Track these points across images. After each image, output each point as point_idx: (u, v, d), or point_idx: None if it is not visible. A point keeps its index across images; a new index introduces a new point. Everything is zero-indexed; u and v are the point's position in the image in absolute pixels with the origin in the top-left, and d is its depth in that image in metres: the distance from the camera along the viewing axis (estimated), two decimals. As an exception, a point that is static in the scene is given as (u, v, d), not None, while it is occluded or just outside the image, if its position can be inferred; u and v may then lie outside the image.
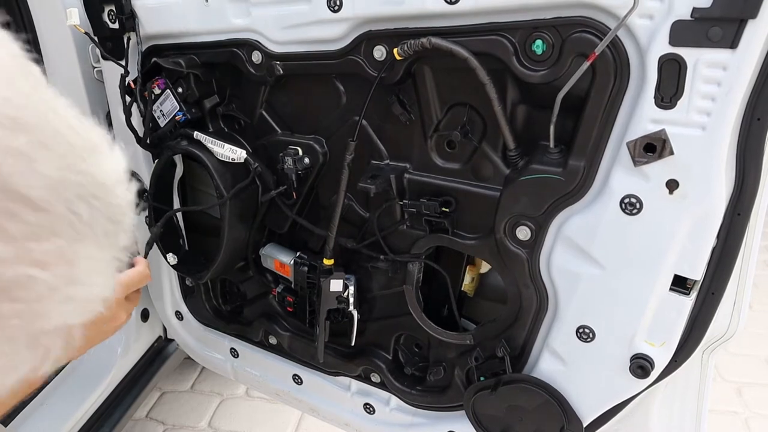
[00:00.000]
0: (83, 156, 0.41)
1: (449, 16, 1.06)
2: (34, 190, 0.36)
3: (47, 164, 0.38)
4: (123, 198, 0.44)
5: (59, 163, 0.39)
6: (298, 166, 1.37)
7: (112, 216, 0.42)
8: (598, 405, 1.19)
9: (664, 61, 0.91)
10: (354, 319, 1.44)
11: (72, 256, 0.39)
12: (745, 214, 0.97)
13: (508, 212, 1.15)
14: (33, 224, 0.36)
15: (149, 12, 1.42)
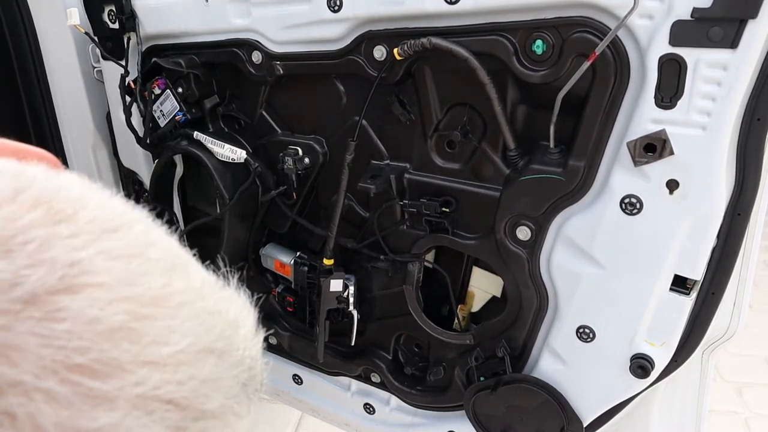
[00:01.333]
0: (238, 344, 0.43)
1: (449, 16, 1.06)
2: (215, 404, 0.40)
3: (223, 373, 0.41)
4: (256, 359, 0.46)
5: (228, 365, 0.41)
6: (298, 166, 1.37)
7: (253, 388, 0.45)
8: (599, 405, 1.19)
9: (665, 61, 0.91)
10: (354, 319, 1.44)
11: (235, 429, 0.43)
12: (745, 214, 0.97)
13: (508, 212, 1.15)
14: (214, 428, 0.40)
15: (149, 12, 1.42)
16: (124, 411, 0.35)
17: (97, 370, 0.34)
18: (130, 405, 0.35)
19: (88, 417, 0.33)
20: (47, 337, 0.33)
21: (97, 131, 1.74)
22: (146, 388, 0.36)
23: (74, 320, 0.34)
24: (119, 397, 0.35)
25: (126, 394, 0.35)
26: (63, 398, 0.33)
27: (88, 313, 0.34)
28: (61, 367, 0.33)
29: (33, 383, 0.32)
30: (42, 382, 0.32)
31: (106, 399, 0.34)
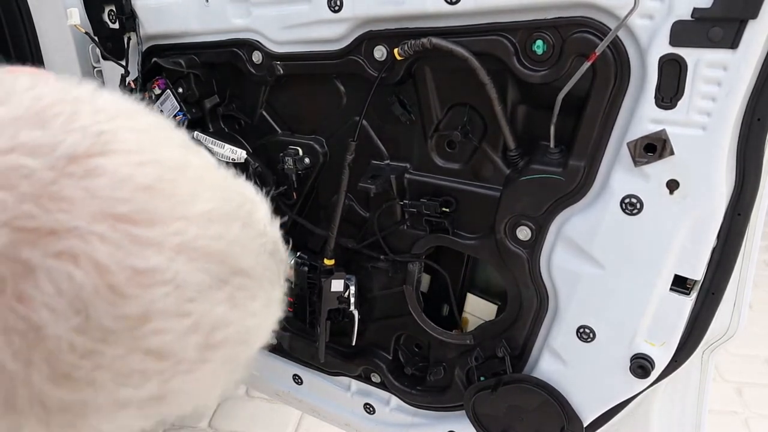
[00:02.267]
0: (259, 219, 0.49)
1: (449, 16, 1.06)
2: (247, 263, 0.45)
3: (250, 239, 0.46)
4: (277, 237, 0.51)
5: (253, 234, 0.47)
6: (299, 166, 1.37)
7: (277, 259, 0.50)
8: (599, 405, 1.19)
9: (665, 62, 0.91)
10: (355, 319, 1.44)
11: (270, 301, 0.49)
12: (745, 214, 0.97)
13: (508, 212, 1.15)
14: (248, 288, 0.45)
15: (149, 12, 1.42)
16: (171, 255, 0.39)
17: (139, 219, 0.38)
18: (174, 251, 0.39)
19: (141, 257, 0.38)
20: (91, 190, 0.37)
21: (98, 131, 1.73)
22: (185, 238, 0.40)
23: (111, 176, 0.38)
24: (163, 243, 0.39)
25: (168, 241, 0.39)
26: (115, 241, 0.37)
27: (122, 171, 0.39)
28: (107, 215, 0.37)
29: (87, 227, 0.36)
30: (94, 227, 0.37)
31: (152, 243, 0.39)
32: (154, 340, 0.39)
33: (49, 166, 0.37)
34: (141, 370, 0.39)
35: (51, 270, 0.36)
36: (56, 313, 0.36)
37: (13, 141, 0.37)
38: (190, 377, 0.42)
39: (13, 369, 0.36)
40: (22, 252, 0.35)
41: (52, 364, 0.37)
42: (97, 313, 0.37)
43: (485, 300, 1.36)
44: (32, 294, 0.35)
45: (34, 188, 0.36)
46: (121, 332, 0.38)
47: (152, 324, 0.39)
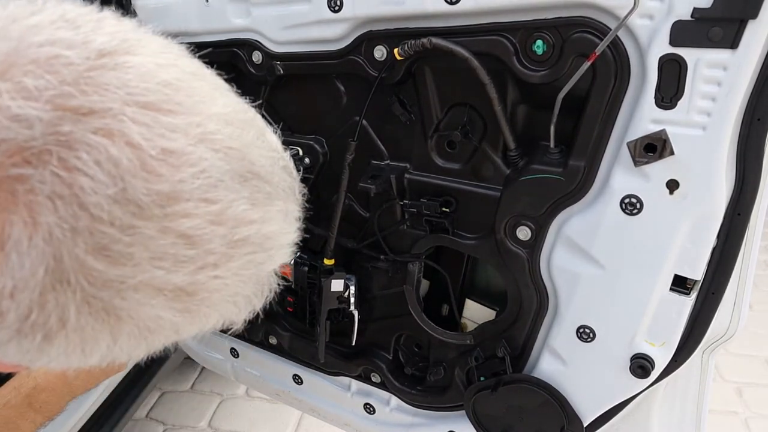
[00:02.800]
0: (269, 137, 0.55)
1: (450, 16, 1.06)
2: (263, 168, 0.49)
3: (265, 149, 0.51)
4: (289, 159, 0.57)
5: (267, 146, 0.52)
6: (299, 167, 1.36)
7: (290, 173, 0.55)
8: (599, 405, 1.20)
9: (665, 62, 0.91)
10: (355, 319, 1.44)
11: (287, 211, 0.52)
12: (745, 214, 0.97)
13: (508, 212, 1.15)
14: (267, 192, 0.49)
15: (149, 12, 1.42)
16: (195, 140, 0.43)
17: (165, 109, 0.43)
18: (197, 138, 0.43)
19: (168, 138, 0.42)
20: (121, 79, 0.42)
21: (98, 131, 1.73)
22: (206, 129, 0.44)
23: (138, 70, 0.43)
24: (188, 130, 0.43)
25: (192, 130, 0.43)
26: (144, 123, 0.41)
27: (147, 66, 0.44)
28: (136, 101, 0.41)
29: (119, 109, 0.41)
30: (126, 109, 0.41)
31: (179, 129, 0.43)
32: (183, 222, 0.42)
33: (84, 56, 0.41)
34: (173, 253, 0.43)
35: (90, 143, 0.39)
36: (96, 182, 0.39)
37: (52, 36, 0.41)
38: (216, 273, 0.45)
39: (60, 236, 0.39)
40: (65, 126, 0.39)
41: (94, 235, 0.40)
42: (132, 186, 0.40)
43: (484, 306, 1.36)
44: (74, 163, 0.39)
45: (73, 74, 0.40)
46: (153, 208, 0.41)
47: (181, 204, 0.42)
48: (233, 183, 0.45)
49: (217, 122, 0.46)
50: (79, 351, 0.44)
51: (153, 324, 0.45)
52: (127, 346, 0.46)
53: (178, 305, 0.45)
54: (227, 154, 0.45)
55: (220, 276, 0.46)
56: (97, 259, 0.40)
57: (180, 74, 0.46)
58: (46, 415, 0.85)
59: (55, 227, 0.39)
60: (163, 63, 0.46)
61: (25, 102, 0.38)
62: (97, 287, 0.41)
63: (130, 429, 2.55)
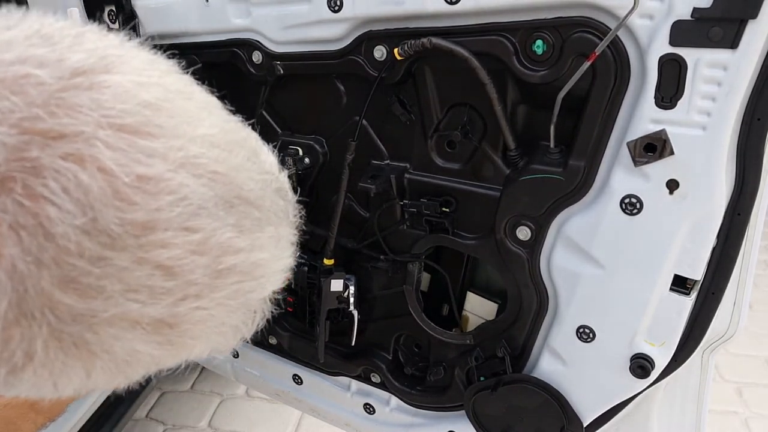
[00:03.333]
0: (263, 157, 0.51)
1: (449, 16, 1.06)
2: (253, 192, 0.46)
3: (255, 172, 0.48)
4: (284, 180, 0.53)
5: (258, 168, 0.48)
6: (299, 166, 1.37)
7: (284, 197, 0.52)
8: (599, 405, 1.19)
9: (665, 62, 0.91)
10: (354, 319, 1.44)
11: (279, 236, 0.49)
12: (745, 214, 0.97)
13: (508, 212, 1.15)
14: (256, 218, 0.46)
15: (149, 12, 1.42)
16: (175, 165, 0.40)
17: (143, 131, 0.40)
18: (178, 163, 0.41)
19: (145, 164, 0.39)
20: (97, 100, 0.39)
21: (97, 131, 1.73)
22: (188, 153, 0.41)
23: (116, 90, 0.40)
24: (167, 155, 0.40)
25: (172, 154, 0.41)
26: (119, 147, 0.39)
27: (126, 86, 0.41)
28: (112, 124, 0.39)
29: (92, 133, 0.38)
30: (99, 133, 0.38)
31: (157, 154, 0.40)
32: (161, 253, 0.40)
33: (57, 76, 0.39)
34: (149, 285, 0.40)
35: (58, 170, 0.37)
36: (63, 211, 0.37)
37: (23, 54, 0.39)
38: (199, 304, 0.43)
39: (24, 269, 0.37)
40: (31, 151, 0.37)
41: (61, 267, 0.38)
42: (103, 216, 0.38)
43: (485, 298, 1.36)
44: (40, 191, 0.37)
45: (43, 95, 0.38)
46: (127, 239, 0.39)
47: (158, 234, 0.40)
48: (217, 210, 0.43)
49: (202, 145, 0.43)
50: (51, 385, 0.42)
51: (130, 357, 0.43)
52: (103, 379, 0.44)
53: (158, 338, 0.43)
54: (212, 179, 0.43)
55: (204, 307, 0.44)
56: (65, 292, 0.38)
57: (163, 93, 0.43)
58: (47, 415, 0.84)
59: (19, 259, 0.37)
60: (145, 82, 0.43)
61: None
62: (66, 322, 0.39)
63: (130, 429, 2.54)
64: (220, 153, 0.44)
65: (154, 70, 0.46)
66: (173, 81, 0.47)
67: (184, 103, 0.45)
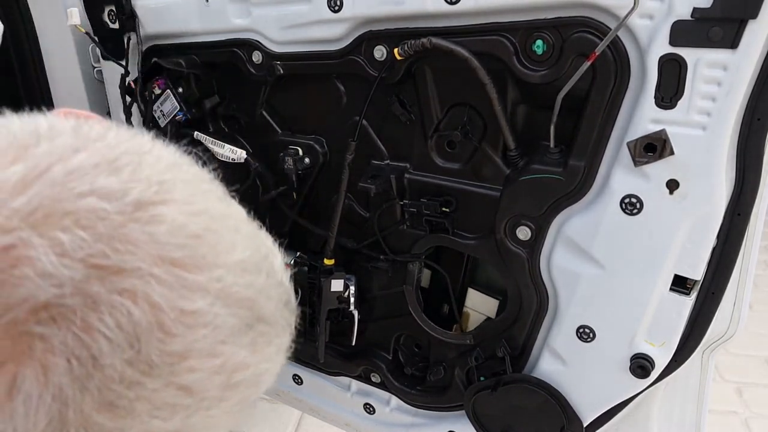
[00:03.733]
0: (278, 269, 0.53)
1: (449, 16, 1.06)
2: (269, 311, 0.49)
3: (274, 288, 0.51)
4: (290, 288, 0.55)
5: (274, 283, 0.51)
6: (299, 166, 1.37)
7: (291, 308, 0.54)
8: (599, 405, 1.19)
9: (665, 61, 0.91)
10: (355, 319, 1.44)
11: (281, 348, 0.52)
12: (745, 214, 0.97)
13: (508, 212, 1.15)
14: (267, 335, 0.49)
15: (150, 12, 1.42)
16: (212, 299, 0.43)
17: (189, 264, 0.43)
18: (215, 296, 0.44)
19: (189, 299, 0.42)
20: (153, 234, 0.41)
21: (98, 131, 1.73)
22: (224, 284, 0.44)
23: (170, 224, 0.43)
24: (207, 288, 0.43)
25: (212, 286, 0.44)
26: (169, 283, 0.41)
27: (179, 220, 0.43)
28: (165, 259, 0.42)
29: (147, 269, 0.41)
30: (153, 269, 0.41)
31: (199, 288, 0.43)
32: (187, 377, 0.43)
33: (120, 210, 0.41)
34: (172, 404, 0.43)
35: (114, 305, 0.39)
36: (113, 345, 0.39)
37: (92, 185, 0.41)
38: (208, 414, 0.46)
39: (70, 394, 0.39)
40: (93, 286, 0.39)
41: (102, 392, 0.40)
42: (147, 347, 0.41)
43: (486, 295, 1.36)
44: (96, 325, 0.39)
45: (107, 229, 0.40)
46: (163, 367, 0.42)
47: (189, 362, 0.43)
48: (239, 335, 0.46)
49: (236, 272, 0.46)
50: None
51: None
52: None
53: None
54: (240, 307, 0.46)
55: (212, 416, 0.47)
56: (101, 413, 0.41)
57: (209, 222, 0.46)
58: None
59: (66, 386, 0.39)
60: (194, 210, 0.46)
61: (58, 259, 0.38)
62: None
63: (130, 429, 2.54)
64: (249, 278, 0.47)
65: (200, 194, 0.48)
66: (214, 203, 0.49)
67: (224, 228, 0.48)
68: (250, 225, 0.53)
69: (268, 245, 0.54)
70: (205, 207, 0.47)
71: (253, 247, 0.50)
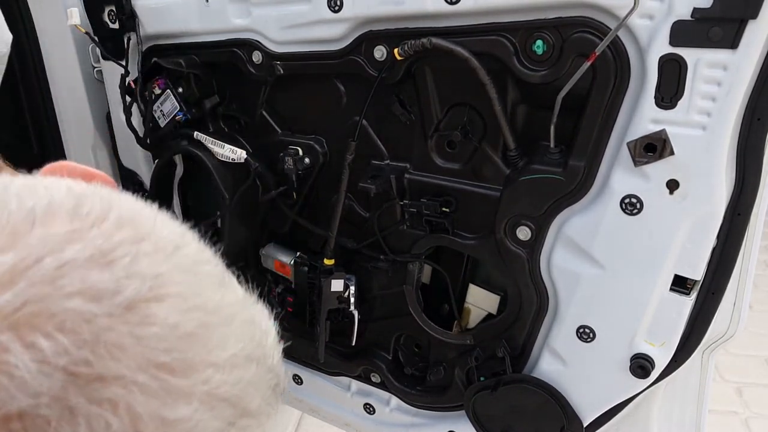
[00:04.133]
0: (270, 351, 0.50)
1: (450, 16, 1.06)
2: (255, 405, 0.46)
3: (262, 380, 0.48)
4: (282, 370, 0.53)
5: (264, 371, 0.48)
6: (299, 166, 1.37)
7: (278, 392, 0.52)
8: (599, 405, 1.19)
9: (665, 62, 0.91)
10: (355, 319, 1.44)
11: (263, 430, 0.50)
12: (745, 214, 0.97)
13: (508, 212, 1.15)
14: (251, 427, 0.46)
15: (149, 12, 1.42)
16: (196, 406, 0.41)
17: (177, 368, 0.40)
18: (199, 401, 0.41)
19: (171, 408, 0.40)
20: (141, 338, 0.39)
21: (97, 131, 1.74)
22: (210, 386, 0.42)
23: (161, 325, 0.40)
24: (193, 393, 0.41)
25: (197, 390, 0.41)
26: (153, 391, 0.39)
27: (171, 319, 0.41)
28: (151, 364, 0.39)
29: (131, 377, 0.38)
30: (138, 376, 0.38)
31: (184, 394, 0.41)
32: None
33: (109, 312, 0.39)
34: None
35: (91, 416, 0.37)
36: None
37: (82, 283, 0.39)
38: None
39: None
40: (71, 396, 0.37)
41: None
42: None
43: (487, 291, 1.35)
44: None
45: (92, 335, 0.38)
46: None
47: None
48: None
49: (224, 370, 0.44)
50: None
51: None
52: None
53: None
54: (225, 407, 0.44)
55: None
56: None
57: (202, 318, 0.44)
58: None
59: None
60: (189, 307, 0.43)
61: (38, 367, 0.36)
62: None
63: (130, 429, 2.54)
64: (239, 373, 0.45)
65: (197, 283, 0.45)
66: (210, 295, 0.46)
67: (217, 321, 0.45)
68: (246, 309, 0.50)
69: (263, 327, 0.51)
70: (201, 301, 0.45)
71: (247, 337, 0.47)
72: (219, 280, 0.49)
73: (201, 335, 0.43)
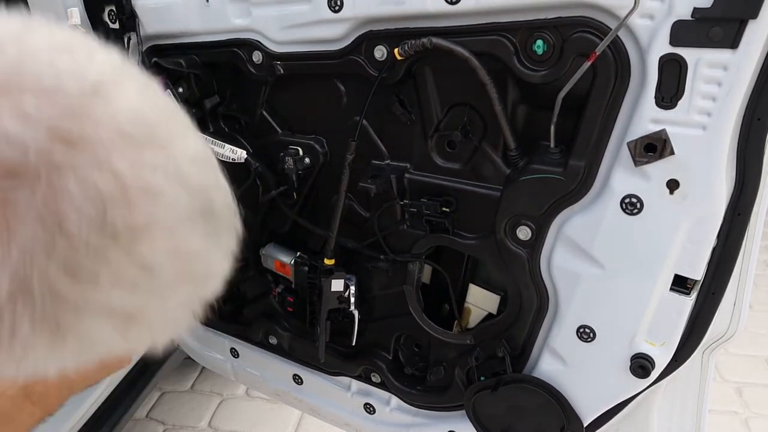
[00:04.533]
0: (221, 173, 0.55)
1: (450, 16, 1.06)
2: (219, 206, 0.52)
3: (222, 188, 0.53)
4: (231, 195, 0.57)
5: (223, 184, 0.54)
6: (299, 166, 1.37)
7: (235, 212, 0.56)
8: (599, 405, 1.20)
9: (665, 61, 0.91)
10: (355, 319, 1.44)
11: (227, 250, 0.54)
12: (745, 214, 0.97)
13: (508, 212, 1.15)
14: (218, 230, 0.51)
15: (150, 12, 1.42)
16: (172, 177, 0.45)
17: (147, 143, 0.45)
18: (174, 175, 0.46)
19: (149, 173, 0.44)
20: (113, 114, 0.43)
21: (98, 131, 1.74)
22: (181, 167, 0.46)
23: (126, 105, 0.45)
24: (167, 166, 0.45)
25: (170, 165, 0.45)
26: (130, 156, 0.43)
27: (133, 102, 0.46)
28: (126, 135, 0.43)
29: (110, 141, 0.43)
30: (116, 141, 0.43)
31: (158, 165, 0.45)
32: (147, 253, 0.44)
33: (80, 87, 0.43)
34: (133, 281, 0.45)
35: (78, 171, 0.40)
36: (79, 210, 0.40)
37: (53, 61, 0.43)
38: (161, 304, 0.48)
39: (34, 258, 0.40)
40: (57, 154, 0.40)
41: (67, 258, 0.41)
42: (112, 216, 0.42)
43: (487, 290, 1.35)
44: (62, 190, 0.40)
45: (70, 103, 0.42)
46: (126, 237, 0.43)
47: (150, 235, 0.44)
48: (195, 222, 0.48)
49: (189, 161, 0.48)
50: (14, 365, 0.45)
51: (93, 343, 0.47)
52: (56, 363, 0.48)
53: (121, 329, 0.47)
54: (195, 192, 0.48)
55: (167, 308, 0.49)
56: (65, 278, 0.42)
57: (161, 112, 0.48)
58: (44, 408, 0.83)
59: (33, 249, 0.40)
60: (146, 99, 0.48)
61: (23, 126, 0.39)
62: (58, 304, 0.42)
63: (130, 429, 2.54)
64: (201, 170, 0.49)
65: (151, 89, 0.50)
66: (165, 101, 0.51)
67: (176, 121, 0.50)
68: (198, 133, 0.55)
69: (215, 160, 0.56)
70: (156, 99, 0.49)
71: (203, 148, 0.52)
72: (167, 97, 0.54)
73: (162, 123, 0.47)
